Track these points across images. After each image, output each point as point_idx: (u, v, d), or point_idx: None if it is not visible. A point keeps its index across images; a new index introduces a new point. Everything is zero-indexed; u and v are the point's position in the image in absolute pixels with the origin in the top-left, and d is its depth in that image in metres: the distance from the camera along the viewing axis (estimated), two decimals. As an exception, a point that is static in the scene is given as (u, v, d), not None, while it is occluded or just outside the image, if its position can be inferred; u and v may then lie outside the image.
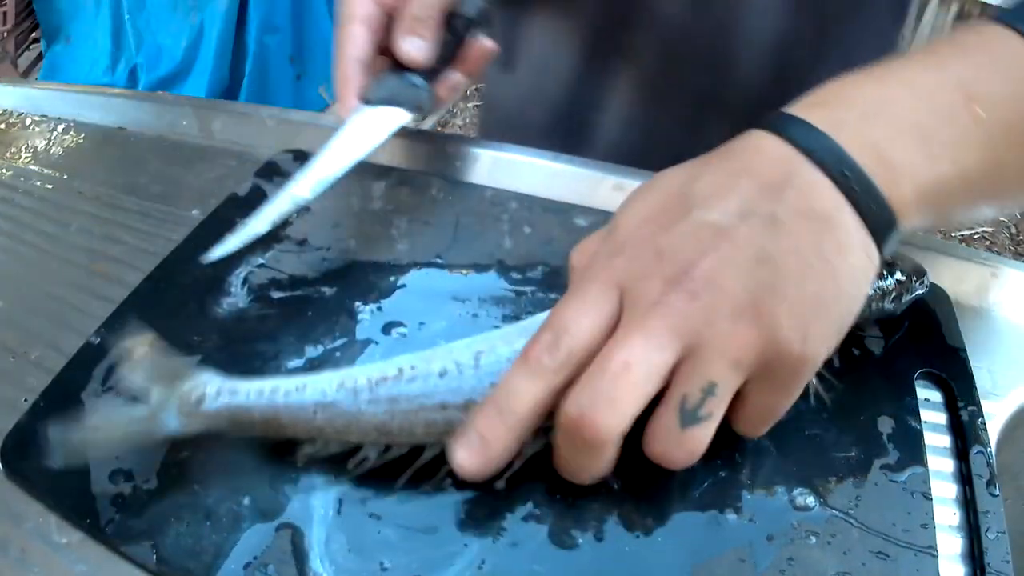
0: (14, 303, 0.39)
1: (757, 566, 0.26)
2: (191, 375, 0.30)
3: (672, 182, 0.28)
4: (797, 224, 0.26)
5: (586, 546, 0.27)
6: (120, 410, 0.30)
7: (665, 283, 0.25)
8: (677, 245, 0.26)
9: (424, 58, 0.40)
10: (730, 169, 0.27)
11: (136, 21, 2.54)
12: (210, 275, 0.38)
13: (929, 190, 0.27)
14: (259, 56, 2.44)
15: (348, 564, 0.27)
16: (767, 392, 0.26)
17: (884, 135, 0.27)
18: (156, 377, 0.30)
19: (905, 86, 0.28)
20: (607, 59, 0.56)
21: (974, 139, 0.27)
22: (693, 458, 0.26)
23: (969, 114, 0.27)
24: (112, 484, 0.30)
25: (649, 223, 0.27)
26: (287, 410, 0.29)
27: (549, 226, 0.41)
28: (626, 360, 0.25)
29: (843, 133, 0.26)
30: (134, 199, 0.46)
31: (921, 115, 0.27)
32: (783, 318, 0.25)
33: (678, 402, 0.25)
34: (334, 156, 0.39)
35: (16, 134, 0.54)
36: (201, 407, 0.29)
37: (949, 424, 0.31)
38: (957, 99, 0.27)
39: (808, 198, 0.26)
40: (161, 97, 0.58)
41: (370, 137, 0.40)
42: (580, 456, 0.26)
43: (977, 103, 0.27)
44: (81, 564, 0.28)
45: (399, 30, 0.40)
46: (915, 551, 0.27)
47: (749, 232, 0.25)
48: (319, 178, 0.38)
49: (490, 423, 0.26)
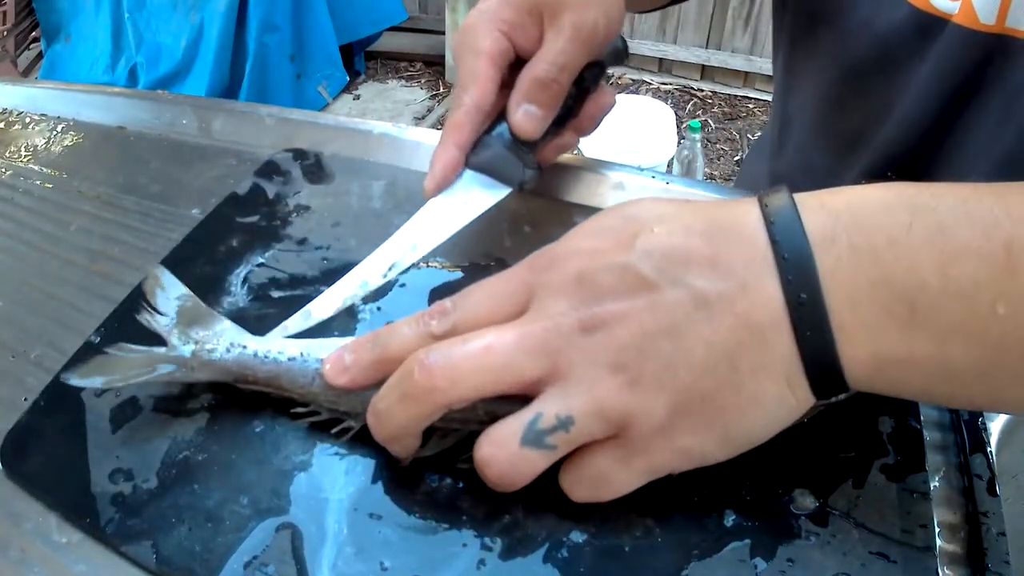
0: (14, 303, 0.39)
1: (757, 566, 0.26)
2: (209, 324, 0.32)
3: (644, 210, 0.27)
4: (724, 319, 0.24)
5: (586, 546, 0.27)
6: (139, 350, 0.31)
7: (569, 307, 0.25)
8: (600, 278, 0.25)
9: (538, 132, 0.36)
10: (697, 227, 0.25)
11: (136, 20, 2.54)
12: (210, 274, 0.38)
13: (891, 360, 0.23)
14: (259, 55, 2.45)
15: (348, 564, 0.27)
16: (609, 458, 0.25)
17: (873, 281, 0.23)
18: (178, 320, 0.32)
19: (936, 235, 0.23)
20: None
21: (977, 330, 0.23)
22: (510, 482, 0.25)
23: (988, 300, 0.22)
24: (112, 484, 0.30)
25: (593, 241, 0.26)
26: (288, 373, 0.30)
27: (549, 225, 0.41)
28: (490, 345, 0.25)
29: (828, 256, 0.23)
30: (134, 198, 0.46)
31: (932, 280, 0.23)
32: (661, 397, 0.24)
33: (531, 418, 0.25)
34: (412, 239, 0.36)
35: (16, 133, 0.54)
36: (212, 356, 0.31)
37: (949, 424, 0.31)
38: (984, 273, 0.22)
39: (751, 302, 0.24)
40: (161, 96, 0.58)
41: (459, 214, 0.36)
42: (395, 404, 0.26)
43: (1003, 299, 0.22)
44: (81, 564, 0.28)
45: (517, 93, 0.36)
46: (915, 551, 0.27)
47: (674, 301, 0.24)
48: (392, 262, 0.35)
49: (362, 348, 0.29)
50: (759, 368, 0.24)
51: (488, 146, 0.37)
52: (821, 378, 0.24)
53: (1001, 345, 0.22)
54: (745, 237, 0.25)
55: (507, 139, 0.37)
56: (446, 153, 0.36)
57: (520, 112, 0.36)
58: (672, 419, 0.24)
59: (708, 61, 2.64)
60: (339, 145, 0.48)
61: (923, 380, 0.24)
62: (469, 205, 0.37)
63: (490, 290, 0.28)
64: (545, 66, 0.35)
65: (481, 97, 0.36)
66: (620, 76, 2.76)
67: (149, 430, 0.31)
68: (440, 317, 0.27)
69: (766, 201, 0.25)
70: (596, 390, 0.24)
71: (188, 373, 0.31)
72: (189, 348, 0.31)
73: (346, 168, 0.46)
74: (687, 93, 2.68)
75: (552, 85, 0.36)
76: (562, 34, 0.35)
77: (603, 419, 0.24)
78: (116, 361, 0.31)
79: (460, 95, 0.37)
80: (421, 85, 2.85)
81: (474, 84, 0.36)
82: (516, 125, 0.36)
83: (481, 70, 0.36)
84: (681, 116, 2.45)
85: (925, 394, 0.26)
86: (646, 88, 2.72)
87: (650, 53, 2.70)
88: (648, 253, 0.25)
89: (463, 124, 0.36)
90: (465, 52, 0.37)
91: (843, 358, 0.24)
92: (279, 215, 0.43)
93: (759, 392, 0.24)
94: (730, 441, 0.25)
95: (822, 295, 0.23)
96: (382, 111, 2.70)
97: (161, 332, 0.32)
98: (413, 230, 0.36)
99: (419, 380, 0.25)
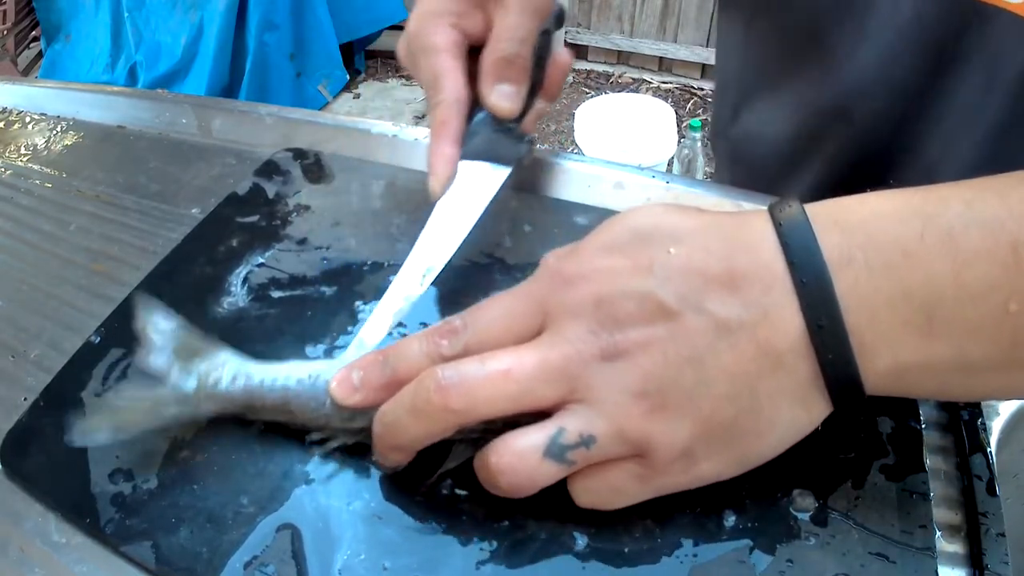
0: (14, 302, 0.39)
1: (756, 567, 0.26)
2: (210, 356, 0.31)
3: (657, 226, 0.26)
4: (746, 347, 0.24)
5: (586, 547, 0.27)
6: (140, 390, 0.30)
7: (588, 332, 0.25)
8: (619, 304, 0.25)
9: (517, 108, 0.37)
10: (714, 250, 0.25)
11: (136, 19, 2.54)
12: (210, 274, 0.38)
13: (910, 367, 0.24)
14: (258, 54, 2.45)
15: (348, 564, 0.27)
16: (626, 475, 0.25)
17: (891, 297, 0.23)
18: (176, 356, 0.31)
19: (947, 243, 0.23)
20: None
21: (991, 329, 0.23)
22: (522, 491, 0.25)
23: (1000, 300, 0.23)
24: (112, 484, 0.30)
25: (608, 260, 0.26)
26: (298, 398, 0.29)
27: (549, 225, 0.41)
28: (509, 370, 0.25)
29: (846, 277, 0.23)
30: (134, 198, 0.46)
31: (947, 288, 0.23)
32: (683, 425, 0.24)
33: (553, 432, 0.24)
34: (437, 241, 0.36)
35: (16, 132, 0.54)
36: (218, 389, 0.30)
37: (949, 424, 0.31)
38: (995, 275, 0.22)
39: (772, 329, 0.24)
40: (160, 95, 0.58)
41: (472, 205, 0.36)
42: (406, 417, 0.26)
43: (1015, 297, 0.23)
44: (81, 564, 0.28)
45: (487, 77, 0.37)
46: (914, 552, 0.27)
47: (695, 329, 0.24)
48: (425, 268, 0.35)
49: (371, 367, 0.28)
50: (776, 392, 0.24)
51: (477, 133, 0.37)
52: (841, 393, 0.24)
53: (1015, 340, 0.23)
54: (762, 261, 0.24)
55: (492, 122, 0.37)
56: (442, 151, 0.36)
57: (495, 94, 0.36)
58: (692, 445, 0.24)
59: (708, 60, 2.63)
60: (339, 144, 0.48)
61: (940, 380, 0.25)
62: (479, 193, 0.37)
63: (503, 309, 0.27)
64: (505, 44, 0.36)
65: (456, 89, 0.37)
66: (620, 75, 2.76)
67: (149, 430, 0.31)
68: (451, 338, 0.27)
69: (780, 219, 0.25)
70: (618, 416, 0.24)
71: (194, 409, 0.30)
72: (192, 383, 0.30)
73: (346, 168, 0.46)
74: (687, 92, 2.68)
75: (517, 60, 0.36)
76: (511, 10, 0.36)
77: (625, 442, 0.24)
78: (119, 412, 0.30)
79: (434, 95, 0.37)
80: (421, 84, 2.85)
81: (444, 79, 0.37)
82: (495, 106, 0.37)
83: (445, 65, 0.37)
84: (681, 115, 2.44)
85: (941, 392, 0.27)
86: (646, 87, 2.71)
87: (650, 52, 2.70)
88: (668, 279, 0.24)
89: (448, 119, 0.36)
90: (420, 54, 0.38)
91: (863, 372, 0.24)
92: (279, 215, 0.43)
93: (776, 416, 0.24)
94: (745, 464, 0.26)
95: (842, 318, 0.23)
96: (382, 110, 2.69)
97: (160, 372, 0.30)
98: (435, 232, 0.36)
99: (435, 400, 0.25)
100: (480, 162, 0.37)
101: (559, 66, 0.41)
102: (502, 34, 0.37)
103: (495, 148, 0.37)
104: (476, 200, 0.37)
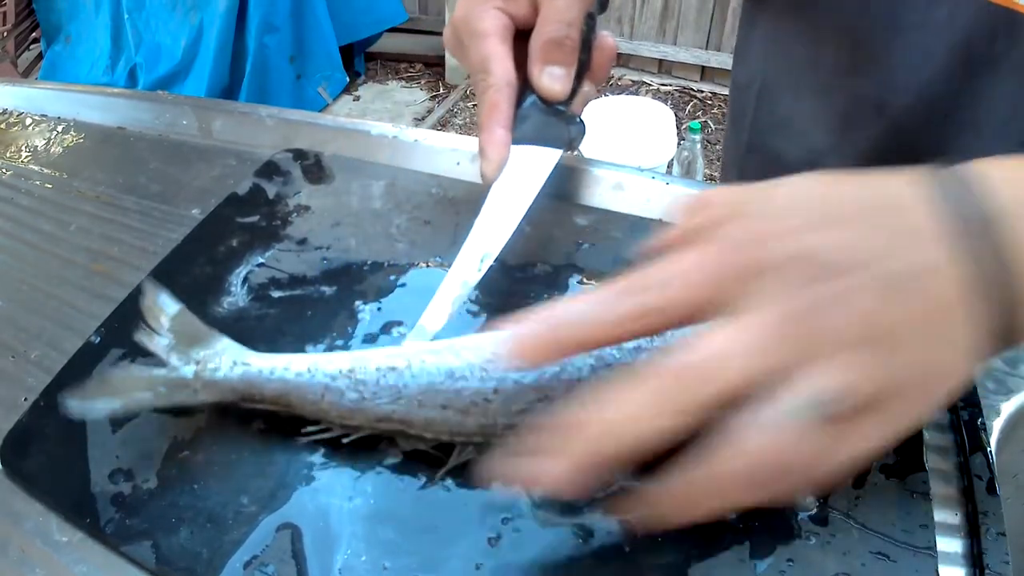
0: (14, 302, 0.39)
1: (757, 566, 0.26)
2: (209, 343, 0.31)
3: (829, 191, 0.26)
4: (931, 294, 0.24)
5: (586, 546, 0.27)
6: (139, 372, 0.31)
7: (799, 288, 0.23)
8: (820, 255, 0.24)
9: (567, 90, 0.37)
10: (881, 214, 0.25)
11: (136, 21, 2.54)
12: (210, 274, 0.39)
13: None
14: (259, 56, 2.45)
15: (349, 564, 0.27)
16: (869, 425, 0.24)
17: None
18: (177, 341, 0.31)
19: None
20: None
21: None
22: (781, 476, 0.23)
23: None
24: (112, 484, 0.30)
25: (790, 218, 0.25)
26: (297, 390, 0.30)
27: (549, 225, 0.41)
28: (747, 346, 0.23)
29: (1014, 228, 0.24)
30: (134, 198, 0.46)
31: None
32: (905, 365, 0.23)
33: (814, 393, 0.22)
34: (492, 227, 0.35)
35: (16, 134, 0.54)
36: (216, 376, 0.30)
37: (949, 424, 0.31)
38: None
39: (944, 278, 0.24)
40: (161, 97, 0.58)
41: (526, 189, 0.36)
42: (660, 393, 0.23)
43: None
44: (81, 564, 0.28)
45: (536, 59, 0.37)
46: (915, 551, 0.27)
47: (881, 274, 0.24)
48: (482, 254, 0.35)
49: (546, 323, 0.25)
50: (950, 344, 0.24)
51: (527, 117, 0.37)
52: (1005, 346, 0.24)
53: None
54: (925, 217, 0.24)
55: (541, 106, 0.37)
56: (493, 134, 0.37)
57: (545, 76, 0.37)
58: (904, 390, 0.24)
59: (708, 62, 2.64)
60: (339, 145, 0.48)
61: None
62: (531, 177, 0.37)
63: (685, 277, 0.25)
64: (553, 26, 0.36)
65: (505, 73, 0.37)
66: (620, 77, 2.77)
67: (149, 430, 0.31)
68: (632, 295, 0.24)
69: (938, 180, 0.25)
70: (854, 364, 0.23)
71: (192, 395, 0.30)
72: (191, 369, 0.30)
73: (346, 168, 0.46)
74: (687, 94, 2.68)
75: (566, 42, 0.37)
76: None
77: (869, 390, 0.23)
78: (116, 381, 0.30)
79: (483, 79, 0.37)
80: (421, 86, 2.85)
81: (494, 63, 0.37)
82: (545, 89, 0.37)
83: (494, 49, 0.37)
84: (681, 117, 2.45)
85: None
86: (646, 89, 2.72)
87: (650, 54, 2.70)
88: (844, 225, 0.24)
89: (499, 103, 0.37)
90: (468, 39, 0.38)
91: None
92: (279, 215, 0.43)
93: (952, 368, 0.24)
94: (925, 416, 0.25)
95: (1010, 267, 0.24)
96: (382, 112, 2.70)
97: (159, 353, 0.31)
98: (490, 217, 0.36)
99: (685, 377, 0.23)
100: (532, 145, 0.38)
101: (605, 50, 0.41)
102: (550, 16, 0.37)
103: (546, 131, 0.38)
104: (530, 184, 0.37)
